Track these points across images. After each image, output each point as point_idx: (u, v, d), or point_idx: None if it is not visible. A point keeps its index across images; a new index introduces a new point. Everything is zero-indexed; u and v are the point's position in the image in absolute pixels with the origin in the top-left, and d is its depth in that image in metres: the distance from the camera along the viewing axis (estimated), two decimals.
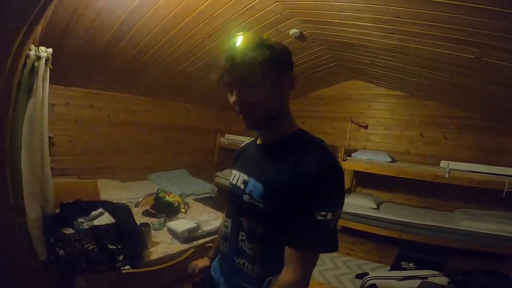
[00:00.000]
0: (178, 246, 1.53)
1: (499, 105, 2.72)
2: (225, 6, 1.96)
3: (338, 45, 2.59)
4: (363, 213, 3.22)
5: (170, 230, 1.67)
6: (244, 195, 0.78)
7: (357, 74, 3.62)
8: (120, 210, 1.45)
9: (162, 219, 1.85)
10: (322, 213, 0.65)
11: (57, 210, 1.48)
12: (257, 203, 0.74)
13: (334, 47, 2.78)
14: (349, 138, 3.96)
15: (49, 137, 2.70)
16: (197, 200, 2.86)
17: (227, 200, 0.90)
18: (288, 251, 0.69)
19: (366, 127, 3.82)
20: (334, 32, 2.35)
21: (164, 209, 2.01)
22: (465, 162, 2.91)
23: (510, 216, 2.92)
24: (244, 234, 0.80)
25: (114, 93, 3.29)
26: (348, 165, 3.35)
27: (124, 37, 2.23)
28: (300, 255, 0.68)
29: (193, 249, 1.50)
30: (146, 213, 1.98)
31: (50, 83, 1.42)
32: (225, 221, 0.89)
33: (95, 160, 3.23)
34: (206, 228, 1.71)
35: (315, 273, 2.66)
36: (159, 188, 2.36)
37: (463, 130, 3.35)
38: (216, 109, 4.48)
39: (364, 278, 2.17)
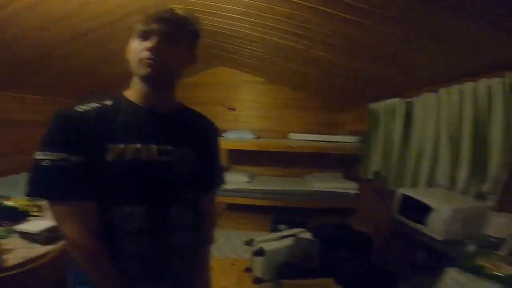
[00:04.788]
0: (39, 249, 1.25)
1: (329, 89, 3.59)
2: None
3: (210, 34, 2.72)
4: (240, 187, 3.56)
5: (24, 234, 1.32)
6: (175, 165, 0.77)
7: (226, 61, 3.91)
8: None
9: (6, 227, 1.44)
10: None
11: None
12: (190, 170, 0.80)
13: (206, 35, 2.89)
14: (221, 120, 4.24)
15: None
16: None
17: (125, 184, 0.69)
18: (209, 196, 0.93)
19: (234, 109, 4.23)
20: (209, 22, 2.44)
21: (6, 215, 1.55)
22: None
23: (339, 175, 3.97)
24: (174, 210, 0.76)
25: None
26: (221, 144, 3.57)
27: None
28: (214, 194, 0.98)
29: (61, 247, 1.26)
30: None
31: None
32: (128, 211, 0.69)
33: None
34: None
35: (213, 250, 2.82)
36: None
37: (306, 109, 4.25)
38: (71, 99, 3.68)
39: (253, 244, 2.47)
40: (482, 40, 1.44)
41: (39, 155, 0.65)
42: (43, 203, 1.88)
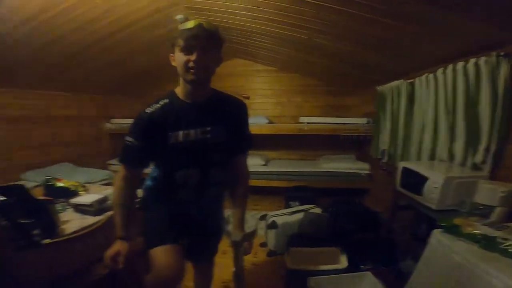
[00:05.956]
0: (92, 220, 1.52)
1: (334, 74, 3.70)
2: None
3: (223, 29, 2.92)
4: (256, 170, 3.79)
5: (77, 207, 1.63)
6: (212, 140, 1.11)
7: (238, 53, 4.11)
8: (13, 189, 1.32)
9: (62, 203, 1.75)
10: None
11: None
12: (223, 141, 1.14)
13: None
14: None
15: None
16: None
17: (181, 156, 1.10)
18: (240, 158, 1.26)
19: (248, 97, 4.44)
20: (220, 18, 2.63)
21: (60, 194, 1.87)
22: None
23: (351, 157, 4.11)
24: (212, 170, 1.16)
25: None
26: None
27: None
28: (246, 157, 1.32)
29: (107, 218, 1.53)
30: None
31: None
32: (187, 172, 1.14)
33: None
34: None
35: None
36: (46, 176, 2.13)
37: (316, 94, 4.39)
38: (99, 94, 4.07)
39: (266, 218, 2.71)
40: (468, 28, 1.58)
41: (126, 138, 1.08)
42: (89, 186, 2.24)
